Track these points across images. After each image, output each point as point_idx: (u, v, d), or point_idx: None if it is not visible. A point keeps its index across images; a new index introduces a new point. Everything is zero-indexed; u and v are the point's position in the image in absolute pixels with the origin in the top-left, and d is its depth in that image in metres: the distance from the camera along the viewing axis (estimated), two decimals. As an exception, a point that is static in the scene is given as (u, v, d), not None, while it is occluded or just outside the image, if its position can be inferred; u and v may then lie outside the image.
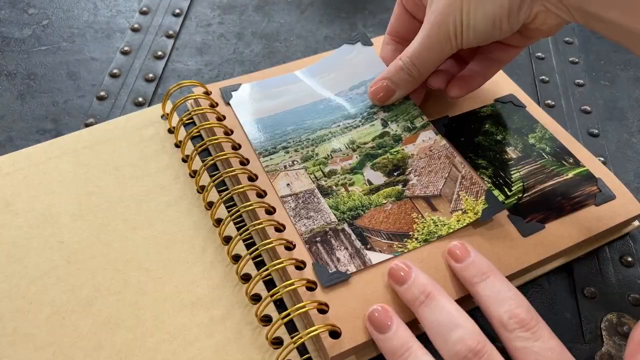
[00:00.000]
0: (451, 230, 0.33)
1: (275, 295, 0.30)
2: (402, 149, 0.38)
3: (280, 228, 0.33)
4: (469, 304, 0.31)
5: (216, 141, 0.37)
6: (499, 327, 0.28)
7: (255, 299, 0.32)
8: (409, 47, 0.36)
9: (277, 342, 0.30)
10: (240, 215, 0.35)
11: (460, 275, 0.31)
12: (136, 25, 0.50)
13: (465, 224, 0.33)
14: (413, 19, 0.39)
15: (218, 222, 0.35)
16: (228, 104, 0.40)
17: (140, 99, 0.44)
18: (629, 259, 0.36)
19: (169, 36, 0.50)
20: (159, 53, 0.48)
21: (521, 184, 0.36)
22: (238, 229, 0.34)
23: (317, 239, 0.33)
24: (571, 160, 0.38)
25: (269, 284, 0.33)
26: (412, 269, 0.30)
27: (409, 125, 0.39)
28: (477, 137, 0.39)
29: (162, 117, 0.41)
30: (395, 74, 0.38)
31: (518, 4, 0.31)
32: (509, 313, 0.28)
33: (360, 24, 0.53)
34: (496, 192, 0.36)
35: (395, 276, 0.30)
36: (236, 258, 0.33)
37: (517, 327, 0.27)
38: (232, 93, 0.40)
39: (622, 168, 0.42)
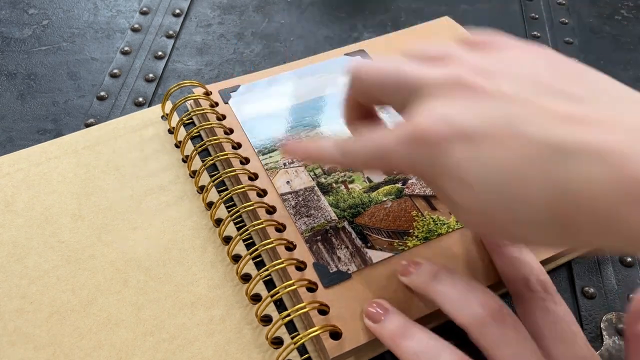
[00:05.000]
0: (451, 230, 0.33)
1: (276, 296, 0.30)
2: None
3: (280, 228, 0.33)
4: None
5: (216, 141, 0.37)
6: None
7: (256, 299, 0.32)
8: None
9: (277, 342, 0.30)
10: (240, 215, 0.35)
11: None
12: (136, 25, 0.50)
13: (463, 226, 0.33)
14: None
15: (218, 222, 0.35)
16: (227, 103, 0.40)
17: (141, 99, 0.44)
18: (629, 259, 0.36)
19: (169, 36, 0.50)
20: (159, 53, 0.48)
21: None
22: (238, 229, 0.34)
23: (318, 237, 0.33)
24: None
25: (269, 284, 0.33)
26: (410, 263, 0.30)
27: None
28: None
29: (162, 117, 0.41)
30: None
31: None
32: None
33: (360, 24, 0.53)
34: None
35: (402, 270, 0.30)
36: (236, 258, 0.33)
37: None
38: (231, 94, 0.40)
39: (622, 168, 0.42)
